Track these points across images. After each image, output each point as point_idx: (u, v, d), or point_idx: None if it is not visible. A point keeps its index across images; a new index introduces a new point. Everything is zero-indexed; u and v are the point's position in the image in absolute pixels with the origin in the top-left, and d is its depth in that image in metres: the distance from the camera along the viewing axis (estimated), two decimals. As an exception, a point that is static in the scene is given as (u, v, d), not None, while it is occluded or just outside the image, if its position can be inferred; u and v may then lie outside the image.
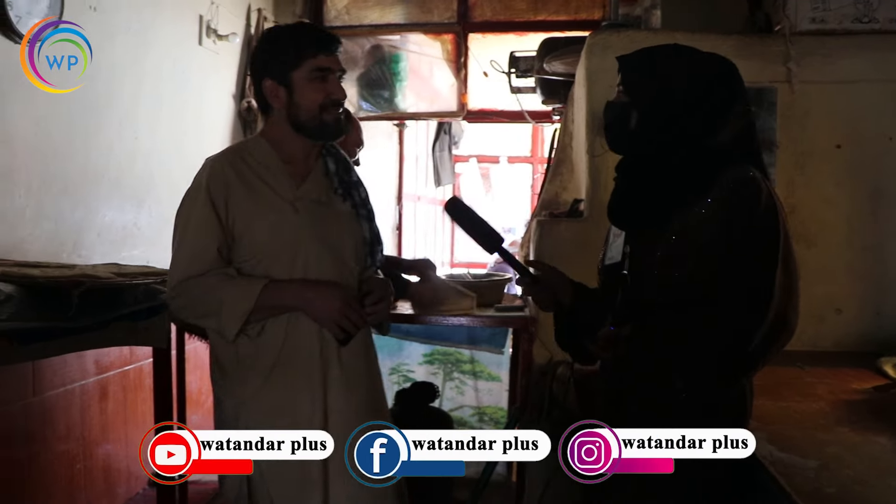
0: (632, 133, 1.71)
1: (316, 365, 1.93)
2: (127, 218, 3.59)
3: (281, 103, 1.92)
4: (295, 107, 1.91)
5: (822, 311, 2.98)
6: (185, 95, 4.07)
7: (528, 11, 5.11)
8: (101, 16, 3.38)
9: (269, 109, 1.97)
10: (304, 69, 1.88)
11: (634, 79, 1.72)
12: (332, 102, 1.91)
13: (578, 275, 1.99)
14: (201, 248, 1.86)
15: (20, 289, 2.01)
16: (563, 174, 3.74)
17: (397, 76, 5.27)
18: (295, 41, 1.91)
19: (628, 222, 1.78)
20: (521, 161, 6.69)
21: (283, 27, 2.04)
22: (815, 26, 2.98)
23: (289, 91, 1.90)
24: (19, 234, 2.95)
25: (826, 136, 3.01)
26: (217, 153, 1.98)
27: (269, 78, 1.92)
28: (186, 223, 1.89)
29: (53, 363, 3.02)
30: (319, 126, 1.92)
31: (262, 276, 1.88)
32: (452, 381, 3.99)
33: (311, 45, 1.90)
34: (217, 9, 4.30)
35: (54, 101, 3.11)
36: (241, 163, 1.92)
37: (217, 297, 1.83)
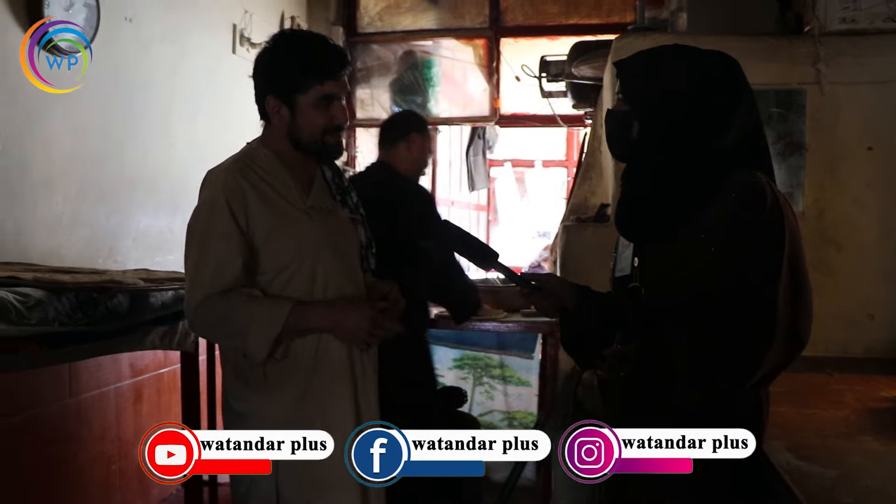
0: (634, 142, 1.68)
1: (346, 369, 1.94)
2: (161, 224, 3.67)
3: (282, 122, 1.90)
4: (297, 128, 1.90)
5: (854, 317, 2.91)
6: (220, 103, 4.14)
7: (559, 15, 5.11)
8: (137, 27, 3.47)
9: (267, 120, 1.95)
10: (311, 95, 1.87)
11: (633, 85, 1.68)
12: (335, 128, 1.91)
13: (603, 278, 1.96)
14: (225, 263, 1.82)
15: (49, 294, 2.07)
16: (591, 179, 3.73)
17: (430, 81, 5.29)
18: (303, 63, 1.87)
19: (636, 235, 1.75)
20: (555, 165, 6.67)
21: (291, 38, 2.01)
22: (846, 26, 2.92)
23: (292, 112, 1.89)
24: (57, 240, 3.04)
25: (857, 138, 2.94)
26: (223, 165, 1.93)
27: (272, 95, 1.89)
28: (206, 238, 1.84)
29: (89, 366, 3.10)
30: (321, 148, 1.93)
31: (283, 287, 1.87)
32: (482, 386, 4.00)
33: (319, 71, 1.86)
34: (250, 17, 4.38)
35: (91, 111, 3.21)
36: (251, 174, 1.89)
37: (243, 321, 1.80)
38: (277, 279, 1.89)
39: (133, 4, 3.42)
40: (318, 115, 1.88)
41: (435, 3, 5.29)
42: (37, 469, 2.88)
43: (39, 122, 2.94)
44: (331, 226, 1.97)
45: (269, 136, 1.97)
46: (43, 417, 2.91)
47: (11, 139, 2.83)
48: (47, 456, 2.94)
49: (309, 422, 1.80)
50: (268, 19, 4.69)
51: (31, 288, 2.06)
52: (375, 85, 5.36)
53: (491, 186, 6.78)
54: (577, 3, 5.05)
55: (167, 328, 2.48)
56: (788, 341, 1.58)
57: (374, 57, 5.36)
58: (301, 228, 1.91)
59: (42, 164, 2.96)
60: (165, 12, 3.68)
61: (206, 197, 1.89)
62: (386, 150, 3.04)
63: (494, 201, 6.99)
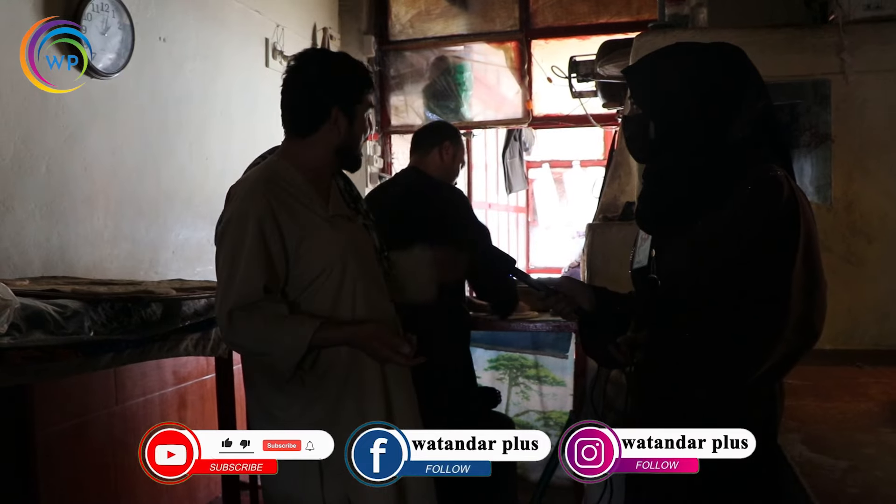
0: (651, 144, 1.72)
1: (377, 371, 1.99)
2: (200, 235, 3.77)
3: (339, 132, 1.99)
4: (352, 137, 2.02)
5: (886, 309, 2.85)
6: (254, 116, 4.24)
7: (589, 15, 5.10)
8: (171, 46, 3.59)
9: (311, 132, 2.00)
10: (364, 104, 2.03)
11: (640, 89, 1.73)
12: (365, 137, 2.09)
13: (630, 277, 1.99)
14: (254, 279, 1.86)
15: (86, 305, 2.18)
16: (621, 177, 3.71)
17: (462, 86, 5.33)
18: (358, 76, 2.04)
19: (653, 225, 1.79)
20: (594, 164, 6.64)
21: (347, 59, 2.10)
22: (871, 13, 2.88)
23: (350, 123, 2.01)
24: (100, 254, 3.17)
25: (885, 127, 2.89)
26: (250, 180, 2.01)
27: (337, 106, 1.98)
28: (236, 252, 1.89)
29: (133, 374, 3.22)
30: (356, 157, 2.07)
31: (314, 295, 1.93)
32: (518, 387, 4.02)
33: (367, 82, 2.05)
34: (282, 31, 4.49)
35: (129, 129, 3.34)
36: (277, 188, 1.95)
37: (267, 342, 1.86)
38: (310, 288, 1.95)
39: (166, 25, 3.55)
40: (364, 123, 2.06)
41: (465, 9, 5.33)
42: (87, 475, 2.99)
43: (80, 142, 3.08)
44: (351, 232, 2.05)
45: (296, 148, 2.03)
46: (91, 424, 3.02)
47: (53, 160, 2.96)
48: (96, 462, 3.05)
49: (346, 425, 1.81)
50: (300, 32, 4.79)
51: (68, 300, 2.17)
52: (409, 92, 5.43)
53: (529, 188, 6.79)
54: (606, 2, 5.03)
55: (200, 335, 2.56)
56: (801, 333, 1.59)
57: (406, 64, 5.43)
58: (327, 237, 1.97)
59: (83, 182, 3.09)
60: (198, 30, 3.79)
61: (236, 212, 1.94)
62: (419, 156, 3.12)
63: (533, 203, 7.00)
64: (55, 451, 2.83)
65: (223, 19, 4.02)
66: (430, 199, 2.99)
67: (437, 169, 3.07)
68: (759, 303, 1.57)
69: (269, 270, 1.89)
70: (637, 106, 1.74)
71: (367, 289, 2.01)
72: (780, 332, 1.57)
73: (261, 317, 1.86)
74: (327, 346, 1.90)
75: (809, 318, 1.60)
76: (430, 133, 3.17)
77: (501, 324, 3.46)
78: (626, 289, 1.92)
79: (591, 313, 1.88)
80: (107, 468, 3.13)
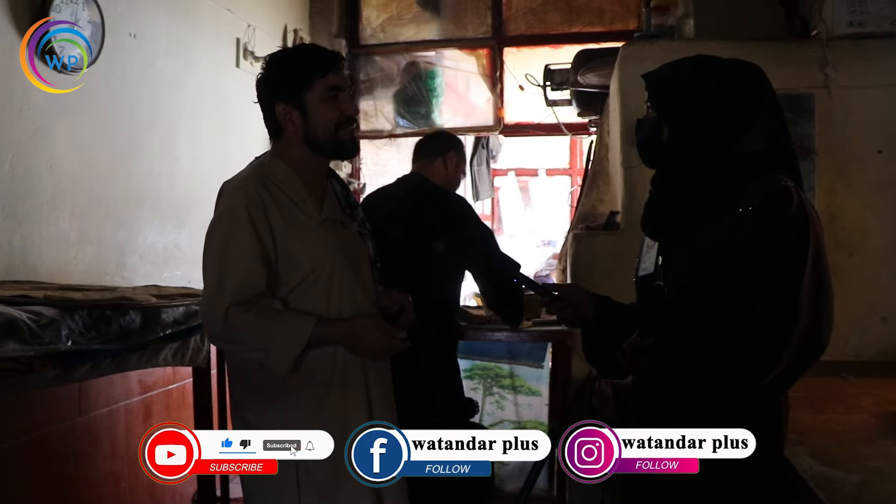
0: (664, 148, 1.72)
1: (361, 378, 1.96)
2: (168, 239, 3.66)
3: (296, 126, 1.92)
4: (312, 128, 1.91)
5: (867, 320, 2.91)
6: (225, 118, 4.14)
7: (562, 24, 5.10)
8: (141, 42, 3.47)
9: (280, 133, 1.96)
10: (317, 90, 1.90)
11: (662, 94, 1.72)
12: (347, 119, 1.94)
13: (615, 287, 1.99)
14: (247, 274, 1.82)
15: (62, 312, 2.06)
16: (599, 186, 3.72)
17: (433, 92, 5.29)
18: (302, 63, 1.92)
19: (661, 232, 1.78)
20: (559, 173, 6.66)
21: (286, 51, 2.06)
22: (853, 30, 2.93)
23: (303, 113, 1.91)
24: (64, 257, 3.03)
25: (867, 142, 2.95)
26: (240, 176, 1.95)
27: (280, 102, 1.92)
28: (227, 249, 1.84)
29: (98, 383, 3.08)
30: (337, 144, 1.94)
31: (302, 297, 1.89)
32: (492, 396, 3.98)
33: (319, 65, 1.91)
34: (254, 31, 4.38)
35: (96, 128, 3.21)
36: (269, 185, 1.90)
37: (266, 337, 1.81)
38: (297, 290, 1.90)
39: (137, 20, 3.42)
40: (329, 109, 1.91)
41: (437, 14, 5.29)
42: (47, 488, 2.86)
43: (45, 139, 2.94)
44: (343, 238, 1.99)
45: (281, 149, 1.98)
46: (53, 436, 2.89)
47: (17, 158, 2.82)
48: (58, 474, 2.91)
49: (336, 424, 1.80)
50: (271, 33, 4.69)
51: (42, 307, 2.05)
52: (379, 96, 5.36)
53: (495, 196, 6.78)
54: (579, 12, 5.05)
55: (179, 344, 2.47)
56: (809, 343, 1.58)
57: (376, 69, 5.36)
58: (317, 239, 1.92)
59: (48, 181, 2.95)
60: (169, 27, 3.67)
61: (226, 207, 1.89)
62: (423, 164, 3.10)
63: (499, 211, 6.99)
64: (14, 465, 2.69)
65: (195, 17, 3.91)
66: (441, 204, 2.98)
67: (439, 178, 3.06)
68: (768, 311, 1.56)
69: (266, 264, 1.84)
70: (655, 109, 1.73)
71: (355, 296, 1.96)
72: (788, 342, 1.56)
73: (257, 312, 1.81)
74: (324, 342, 1.87)
75: (817, 328, 1.60)
76: (435, 142, 3.16)
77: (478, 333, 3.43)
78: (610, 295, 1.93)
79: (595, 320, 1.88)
80: (68, 482, 3.00)
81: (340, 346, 1.91)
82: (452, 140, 3.18)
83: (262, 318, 1.81)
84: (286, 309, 1.86)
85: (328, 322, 1.87)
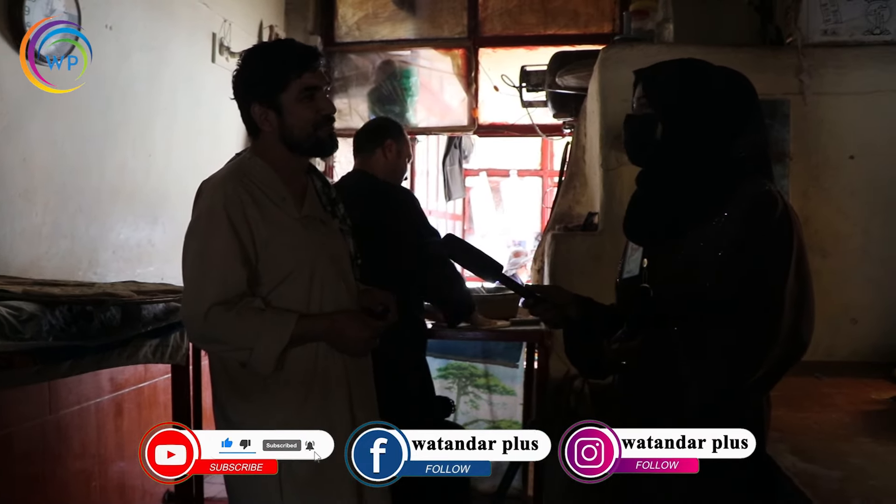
0: (658, 146, 1.72)
1: (343, 377, 1.94)
2: (142, 235, 3.61)
3: (272, 127, 1.90)
4: (288, 129, 1.89)
5: (838, 322, 2.97)
6: (200, 113, 4.10)
7: (537, 26, 5.14)
8: (117, 34, 3.42)
9: (258, 132, 1.94)
10: (292, 91, 1.86)
11: (660, 92, 1.72)
12: (325, 119, 1.91)
13: (593, 288, 2.00)
14: (228, 274, 1.80)
15: (43, 307, 2.02)
16: (576, 188, 3.75)
17: (408, 91, 5.28)
18: (277, 63, 1.88)
19: (646, 235, 1.79)
20: (531, 175, 6.70)
21: (262, 48, 2.02)
22: (827, 38, 3.00)
23: (279, 114, 1.88)
24: (36, 251, 2.98)
25: (839, 148, 3.01)
26: (218, 175, 1.92)
27: (256, 103, 1.89)
28: (207, 249, 1.82)
29: (68, 381, 3.02)
30: (315, 143, 1.92)
31: (281, 296, 1.87)
32: (467, 395, 3.99)
33: (294, 65, 1.87)
34: (230, 26, 4.35)
35: (71, 121, 3.15)
36: (247, 183, 1.88)
37: (249, 335, 1.79)
38: (277, 289, 1.88)
39: (113, 12, 3.37)
40: (305, 109, 1.88)
41: (413, 13, 5.29)
42: (14, 488, 2.80)
43: (17, 132, 2.88)
44: (324, 235, 1.98)
45: (260, 147, 1.96)
46: (21, 435, 2.83)
47: (-10, 150, 2.77)
48: (25, 474, 2.85)
49: (319, 422, 1.79)
50: (247, 28, 4.65)
51: (22, 301, 2.01)
52: (353, 95, 5.34)
53: (466, 196, 6.79)
54: (554, 14, 5.09)
55: (159, 341, 2.44)
56: (791, 344, 1.61)
57: (351, 67, 5.34)
58: (297, 238, 1.90)
59: (20, 174, 2.89)
60: (145, 21, 3.63)
61: (204, 207, 1.87)
62: (363, 158, 3.00)
63: (470, 211, 7.00)
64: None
65: (171, 10, 3.86)
66: (375, 204, 2.85)
67: (382, 169, 2.95)
68: (753, 313, 1.59)
69: (246, 264, 1.82)
70: (649, 105, 1.73)
71: (337, 295, 1.95)
72: (773, 343, 1.59)
73: (239, 311, 1.79)
74: (307, 339, 1.85)
75: (798, 329, 1.63)
76: (370, 133, 3.03)
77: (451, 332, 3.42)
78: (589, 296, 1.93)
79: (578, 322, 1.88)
80: (35, 481, 2.94)
81: (321, 346, 1.89)
82: (388, 126, 3.05)
83: (243, 317, 1.79)
84: (267, 307, 1.85)
85: (309, 318, 1.85)
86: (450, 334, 3.40)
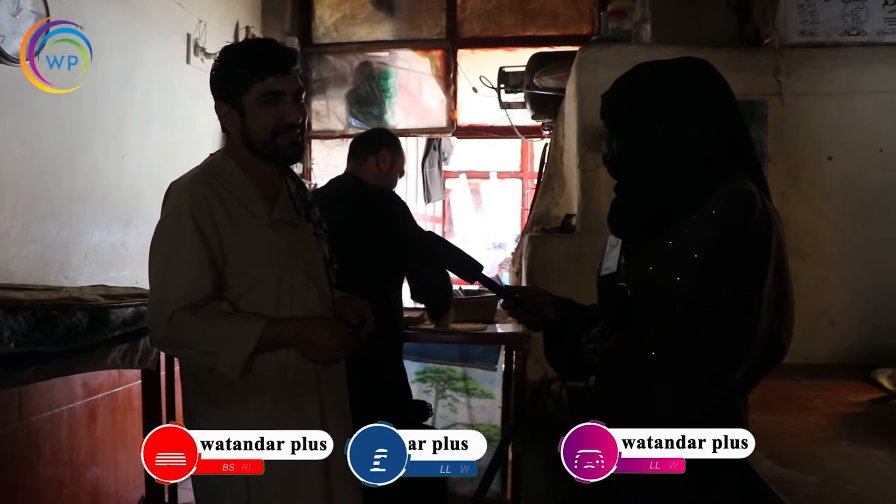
0: (613, 160, 1.73)
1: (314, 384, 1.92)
2: (115, 238, 3.55)
3: (235, 127, 1.87)
4: (248, 131, 1.86)
5: (816, 324, 2.96)
6: (174, 114, 4.04)
7: (516, 27, 5.12)
8: (89, 35, 3.31)
9: (226, 130, 1.92)
10: (253, 93, 1.82)
11: (608, 108, 1.72)
12: (286, 126, 1.85)
13: (572, 289, 1.98)
14: (193, 278, 1.76)
15: (4, 313, 1.98)
16: (554, 189, 3.73)
17: (386, 93, 5.25)
18: (245, 63, 1.84)
19: (624, 231, 1.77)
20: (510, 176, 6.68)
21: (237, 46, 1.99)
22: (805, 39, 2.99)
23: (241, 115, 1.85)
24: (5, 256, 2.92)
25: (817, 149, 3.01)
26: (186, 177, 1.89)
27: (221, 101, 1.87)
28: (172, 251, 1.79)
29: (40, 387, 2.96)
30: (274, 150, 1.87)
31: (250, 302, 1.83)
32: (445, 399, 3.97)
33: (259, 67, 1.82)
34: (205, 27, 4.29)
35: (41, 120, 3.10)
36: (216, 185, 1.84)
37: (215, 340, 1.75)
38: (245, 295, 1.84)
39: (85, 12, 3.31)
40: (265, 114, 1.84)
41: (391, 14, 5.26)
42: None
43: (-14, 133, 2.83)
44: (295, 239, 1.94)
45: (230, 147, 1.94)
46: (-10, 442, 2.78)
47: (-43, 151, 2.71)
48: (-4, 483, 2.81)
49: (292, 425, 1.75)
50: (222, 29, 4.60)
51: (-17, 306, 1.96)
52: (331, 96, 5.30)
53: (446, 198, 6.77)
54: (533, 15, 5.07)
55: (128, 346, 2.40)
56: (770, 346, 1.60)
57: (329, 68, 5.30)
58: (266, 242, 1.87)
59: (-11, 176, 2.84)
60: (118, 22, 3.57)
61: (171, 209, 1.84)
62: (355, 164, 3.03)
63: (450, 213, 6.98)
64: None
65: (144, 10, 3.81)
66: (367, 205, 2.89)
67: (373, 177, 2.99)
68: (730, 315, 1.57)
69: (213, 267, 1.79)
70: (603, 121, 1.74)
71: (308, 300, 1.92)
72: (750, 346, 1.58)
73: (204, 315, 1.75)
74: (275, 344, 1.82)
75: (777, 332, 1.61)
76: (367, 140, 3.10)
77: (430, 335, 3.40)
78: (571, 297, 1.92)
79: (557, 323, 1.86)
80: (7, 489, 2.88)
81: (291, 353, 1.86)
82: (386, 138, 3.10)
83: (208, 321, 1.75)
84: (235, 311, 1.81)
85: (278, 322, 1.81)
86: (428, 337, 3.38)
